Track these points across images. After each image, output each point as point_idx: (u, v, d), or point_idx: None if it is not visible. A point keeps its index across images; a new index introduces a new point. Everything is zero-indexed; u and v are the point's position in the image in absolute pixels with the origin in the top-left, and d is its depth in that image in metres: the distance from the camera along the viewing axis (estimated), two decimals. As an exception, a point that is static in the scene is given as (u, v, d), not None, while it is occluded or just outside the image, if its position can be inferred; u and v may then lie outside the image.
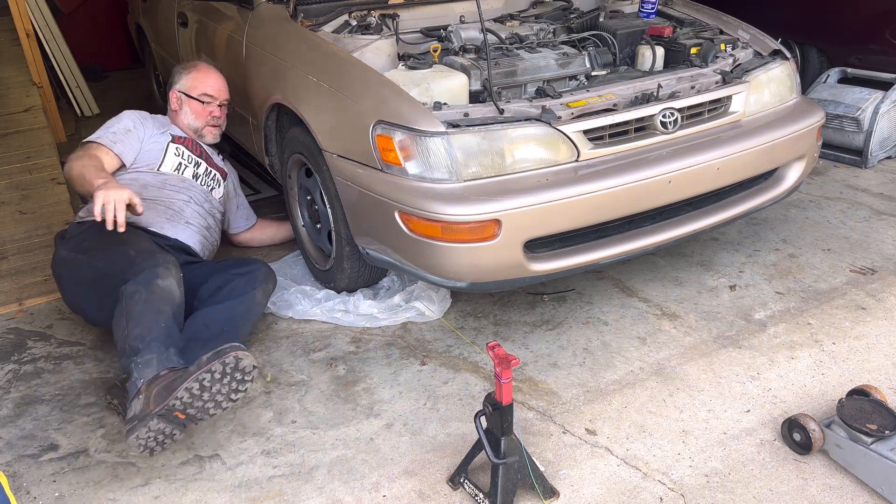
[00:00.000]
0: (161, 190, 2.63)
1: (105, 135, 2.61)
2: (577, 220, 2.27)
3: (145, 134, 2.70)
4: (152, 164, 2.67)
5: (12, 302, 2.83)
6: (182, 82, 2.83)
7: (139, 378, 1.91)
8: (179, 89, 2.82)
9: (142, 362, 1.94)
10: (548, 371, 2.38)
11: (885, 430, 1.87)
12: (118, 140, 2.62)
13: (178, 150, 2.73)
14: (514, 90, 2.48)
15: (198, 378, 1.85)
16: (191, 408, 1.86)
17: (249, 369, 1.92)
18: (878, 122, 3.79)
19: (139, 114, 2.75)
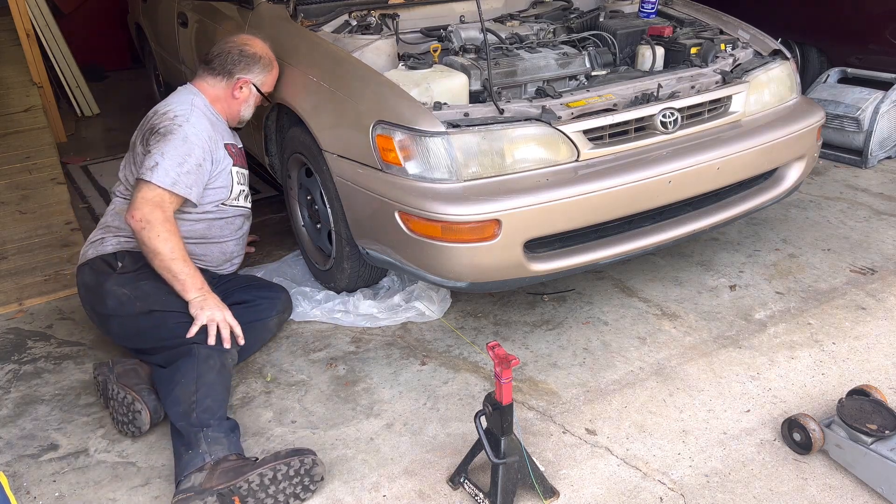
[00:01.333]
0: (222, 232, 2.47)
1: (180, 179, 2.22)
2: (577, 220, 2.27)
3: (213, 164, 2.36)
4: (220, 197, 2.42)
5: (12, 302, 2.83)
6: (260, 76, 2.54)
7: (207, 453, 1.89)
8: (255, 82, 2.53)
9: (212, 438, 1.92)
10: (548, 371, 2.38)
11: (885, 430, 1.87)
12: (193, 184, 2.27)
13: (238, 173, 2.50)
14: (514, 90, 2.48)
15: (274, 468, 1.83)
16: (252, 497, 1.81)
17: (318, 479, 1.89)
18: (878, 122, 3.79)
19: (203, 137, 2.32)
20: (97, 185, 4.10)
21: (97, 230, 2.43)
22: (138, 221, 2.16)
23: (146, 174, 2.19)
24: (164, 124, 2.28)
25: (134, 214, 2.16)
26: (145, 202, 2.17)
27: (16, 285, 2.93)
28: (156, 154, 2.21)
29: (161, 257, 2.16)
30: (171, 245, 2.17)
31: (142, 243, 2.19)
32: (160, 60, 4.50)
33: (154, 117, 2.33)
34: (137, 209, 2.17)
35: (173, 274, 2.18)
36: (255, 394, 2.32)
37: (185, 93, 2.44)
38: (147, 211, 2.16)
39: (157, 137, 2.25)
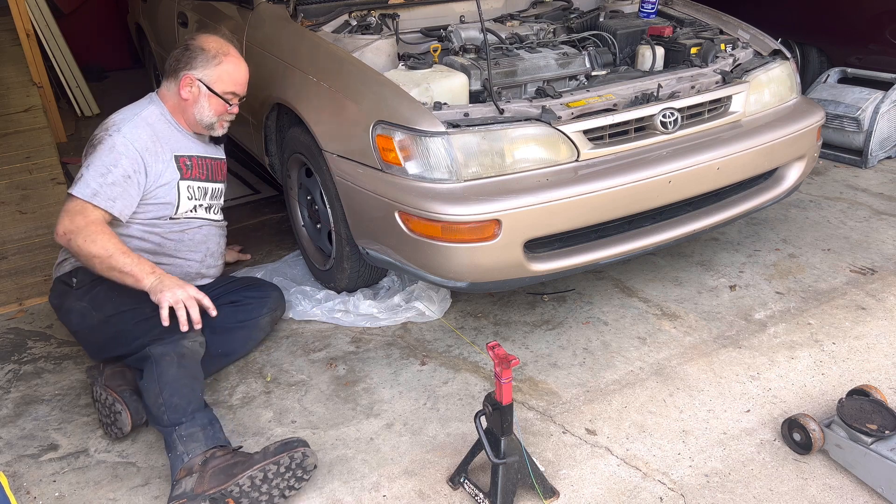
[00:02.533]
0: (177, 249, 2.34)
1: (102, 190, 2.10)
2: (577, 220, 2.27)
3: (149, 178, 2.21)
4: (165, 213, 2.28)
5: (12, 302, 2.83)
6: (205, 71, 2.28)
7: (186, 453, 1.87)
8: (201, 79, 2.27)
9: (186, 435, 1.89)
10: (548, 371, 2.38)
11: (885, 430, 1.87)
12: (118, 196, 2.13)
13: (190, 188, 2.32)
14: (514, 90, 2.48)
15: (263, 468, 1.80)
16: (245, 497, 1.79)
17: (310, 469, 1.87)
18: (878, 121, 3.79)
19: (135, 147, 2.18)
20: (97, 185, 4.09)
21: (60, 252, 2.35)
22: (63, 235, 2.07)
23: (71, 187, 2.12)
24: (99, 134, 2.20)
25: (58, 230, 2.07)
26: (66, 214, 2.08)
27: (16, 285, 2.93)
28: (83, 166, 2.15)
29: (99, 258, 2.03)
30: (101, 242, 2.03)
31: (76, 255, 2.08)
32: (160, 60, 4.50)
33: (98, 127, 2.26)
34: (60, 223, 2.07)
35: (118, 270, 2.04)
36: (255, 394, 2.32)
37: (142, 101, 2.34)
38: (68, 221, 2.06)
39: (90, 149, 2.19)
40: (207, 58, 2.28)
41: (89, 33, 6.28)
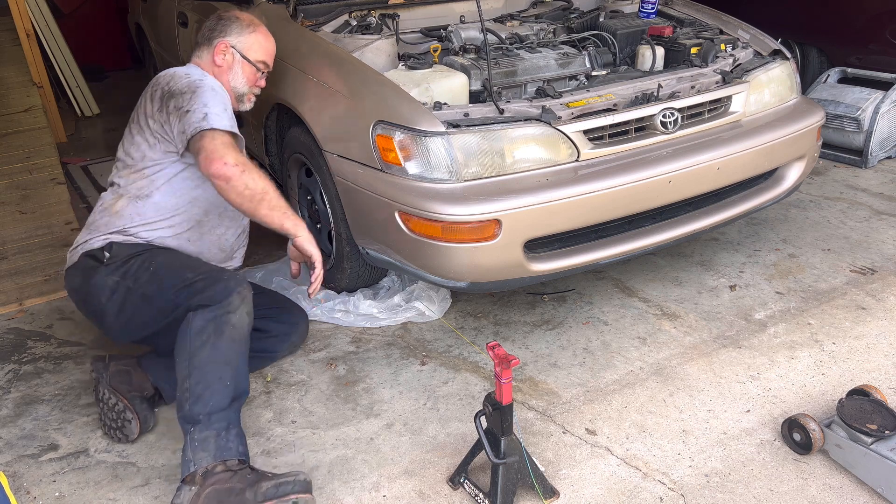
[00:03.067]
0: (222, 214, 2.24)
1: (233, 124, 2.03)
2: (577, 220, 2.27)
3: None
4: None
5: (12, 302, 2.83)
6: (240, 38, 2.27)
7: (192, 461, 1.79)
8: (235, 46, 2.26)
9: (198, 440, 1.81)
10: (548, 371, 2.38)
11: (885, 430, 1.87)
12: (235, 125, 2.06)
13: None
14: (515, 90, 2.48)
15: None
16: None
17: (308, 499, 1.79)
18: (878, 122, 3.79)
19: (226, 95, 2.17)
20: (97, 185, 4.10)
21: (82, 232, 2.21)
22: (234, 166, 1.88)
23: (203, 124, 1.94)
24: (183, 83, 2.07)
25: (226, 160, 1.88)
26: (225, 147, 1.91)
27: (16, 285, 2.93)
28: (197, 107, 1.98)
29: (270, 194, 1.93)
30: (262, 176, 1.94)
31: (242, 190, 1.90)
32: (160, 60, 4.50)
33: (165, 83, 2.10)
34: (222, 155, 1.89)
35: (283, 208, 1.97)
36: (255, 394, 2.32)
37: (186, 66, 2.26)
38: (235, 154, 1.91)
39: (184, 97, 2.02)
40: (241, 26, 2.29)
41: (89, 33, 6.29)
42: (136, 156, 2.12)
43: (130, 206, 2.12)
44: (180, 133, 2.00)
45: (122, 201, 2.13)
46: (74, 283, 2.17)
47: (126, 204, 2.13)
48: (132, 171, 2.13)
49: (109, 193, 2.20)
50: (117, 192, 2.16)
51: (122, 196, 2.14)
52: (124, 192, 2.14)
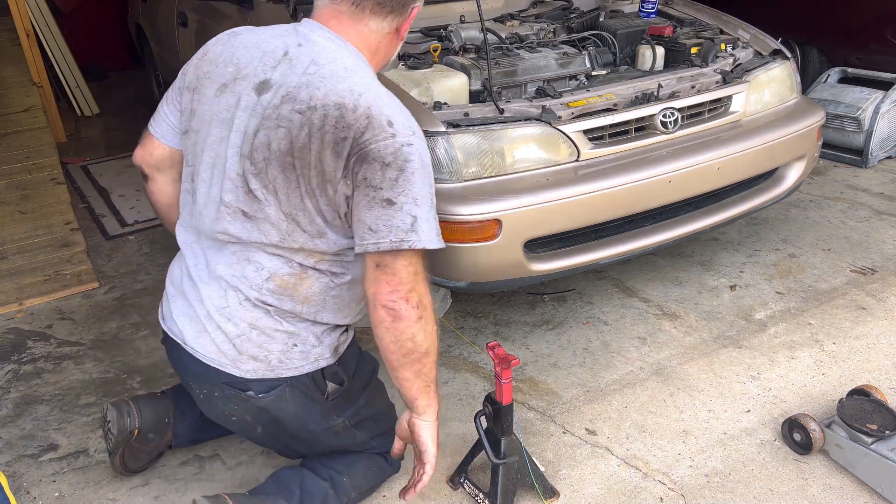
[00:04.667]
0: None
1: (433, 226, 1.48)
2: (577, 220, 2.27)
3: None
4: None
5: (12, 302, 2.83)
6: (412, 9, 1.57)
7: None
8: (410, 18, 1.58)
9: None
10: (548, 371, 2.38)
11: (885, 430, 1.86)
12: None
13: None
14: (515, 90, 2.48)
15: None
16: None
17: None
18: (879, 121, 3.78)
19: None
20: (97, 185, 4.10)
21: (253, 308, 1.54)
22: (415, 308, 1.44)
23: (408, 239, 1.39)
24: (393, 148, 1.39)
25: (409, 297, 1.43)
26: (417, 278, 1.44)
27: (16, 285, 2.93)
28: (405, 201, 1.40)
29: (430, 357, 1.51)
30: (438, 341, 1.54)
31: (405, 340, 1.46)
32: (160, 60, 4.50)
33: (352, 120, 1.39)
34: (410, 290, 1.43)
35: (430, 381, 1.55)
36: (255, 394, 2.32)
37: (346, 53, 1.49)
38: (423, 290, 1.46)
39: (387, 171, 1.38)
40: None
41: (89, 33, 6.28)
42: (309, 229, 1.49)
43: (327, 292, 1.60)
44: (367, 230, 1.40)
45: (311, 282, 1.57)
46: (284, 408, 1.63)
47: (318, 288, 1.58)
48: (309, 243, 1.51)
49: (302, 265, 1.54)
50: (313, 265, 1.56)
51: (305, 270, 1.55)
52: (312, 265, 1.56)
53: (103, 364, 2.49)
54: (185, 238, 1.65)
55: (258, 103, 1.44)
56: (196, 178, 1.56)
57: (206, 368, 1.57)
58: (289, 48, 1.48)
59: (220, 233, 1.52)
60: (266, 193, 1.45)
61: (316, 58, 1.45)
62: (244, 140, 1.45)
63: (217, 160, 1.51)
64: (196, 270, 1.59)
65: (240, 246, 1.52)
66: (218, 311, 1.55)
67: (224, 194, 1.49)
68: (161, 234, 3.43)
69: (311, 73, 1.42)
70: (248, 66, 1.49)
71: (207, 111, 1.52)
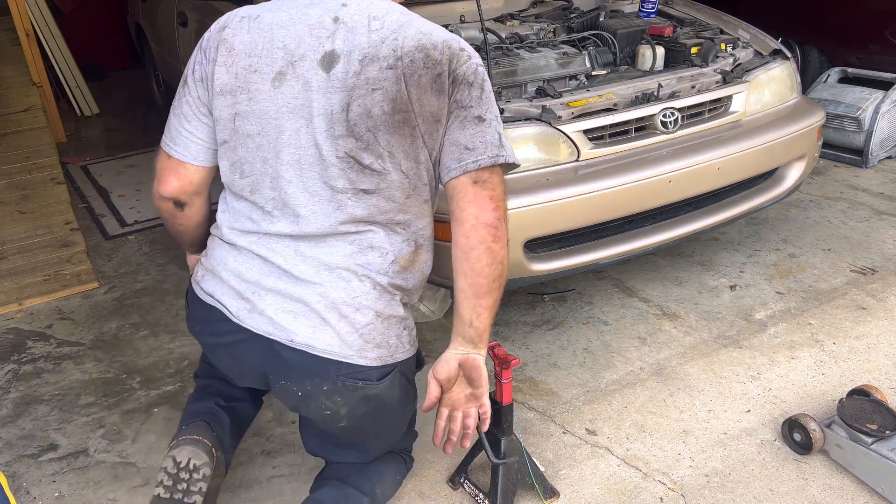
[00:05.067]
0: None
1: (508, 142, 1.49)
2: (577, 220, 2.27)
3: None
4: None
5: (12, 302, 2.83)
6: None
7: None
8: None
9: None
10: (548, 371, 2.38)
11: (885, 430, 1.86)
12: None
13: None
14: (515, 90, 2.47)
15: None
16: None
17: None
18: (879, 121, 3.78)
19: None
20: (97, 184, 4.09)
21: (381, 295, 1.51)
22: (505, 223, 1.44)
23: (501, 153, 1.41)
24: (469, 67, 1.41)
25: (505, 217, 1.44)
26: (504, 191, 1.45)
27: (16, 285, 2.93)
28: (490, 117, 1.42)
29: (504, 274, 1.48)
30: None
31: (501, 259, 1.44)
32: (160, 60, 4.50)
33: (445, 55, 1.38)
34: (505, 208, 1.44)
35: (496, 312, 1.52)
36: (254, 394, 2.32)
37: (392, 2, 1.47)
38: (505, 207, 1.46)
39: (472, 91, 1.40)
40: None
41: (89, 33, 6.28)
42: (428, 177, 1.47)
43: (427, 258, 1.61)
44: (464, 150, 1.39)
45: (422, 252, 1.57)
46: (391, 393, 1.58)
47: (426, 257, 1.60)
48: (419, 198, 1.50)
49: (400, 232, 1.52)
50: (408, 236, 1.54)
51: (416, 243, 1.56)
52: (417, 235, 1.55)
53: (103, 364, 2.49)
54: (251, 239, 1.51)
55: (332, 78, 1.36)
56: (278, 183, 1.43)
57: (324, 363, 1.47)
58: (336, 12, 1.40)
59: (344, 223, 1.43)
60: (384, 162, 1.39)
61: (371, 12, 1.40)
62: (334, 121, 1.37)
63: (303, 154, 1.41)
64: (296, 266, 1.47)
65: (358, 235, 1.46)
66: (345, 303, 1.46)
67: (334, 182, 1.40)
68: (161, 234, 3.43)
69: (378, 28, 1.37)
70: (301, 44, 1.39)
71: (270, 107, 1.40)
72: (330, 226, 1.44)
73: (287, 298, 1.48)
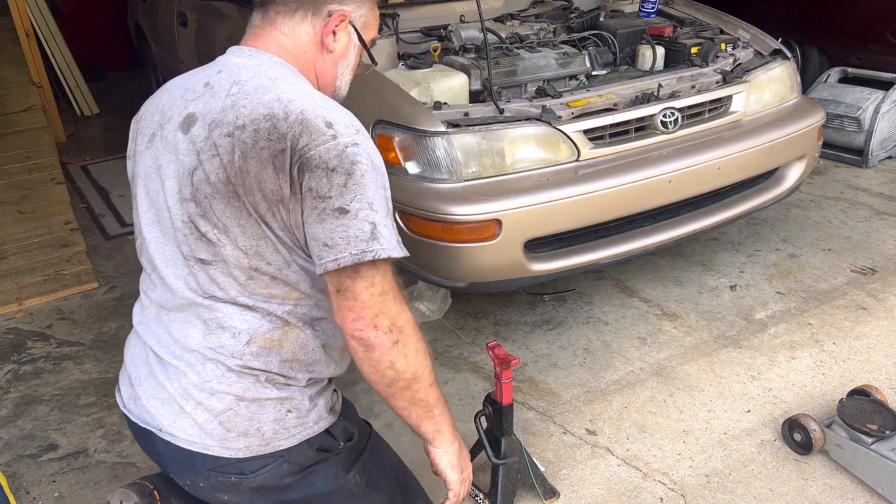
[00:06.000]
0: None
1: (392, 233, 1.26)
2: (578, 220, 2.27)
3: None
4: None
5: (12, 302, 2.83)
6: (359, 9, 1.42)
7: None
8: (353, 21, 1.41)
9: None
10: (548, 371, 2.38)
11: (885, 431, 1.86)
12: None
13: None
14: (515, 90, 2.47)
15: None
16: None
17: None
18: (879, 121, 3.78)
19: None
20: (97, 184, 4.09)
21: (240, 377, 1.32)
22: (386, 334, 1.27)
23: (370, 248, 1.21)
24: (337, 150, 1.22)
25: (377, 321, 1.26)
26: (384, 298, 1.27)
27: (15, 285, 2.93)
28: (360, 209, 1.23)
29: (421, 382, 1.37)
30: (429, 360, 1.38)
31: (384, 369, 1.31)
32: (160, 60, 4.50)
33: (294, 130, 1.22)
34: (376, 313, 1.26)
35: (429, 406, 1.43)
36: (254, 394, 2.32)
37: (268, 63, 1.36)
38: (395, 311, 1.28)
39: (334, 177, 1.22)
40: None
41: (89, 33, 6.28)
42: (275, 260, 1.30)
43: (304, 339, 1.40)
44: (323, 247, 1.23)
45: (293, 331, 1.37)
46: (271, 482, 1.38)
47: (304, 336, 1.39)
48: (274, 281, 1.32)
49: (267, 315, 1.34)
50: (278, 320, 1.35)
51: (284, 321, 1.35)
52: (285, 312, 1.35)
53: (103, 364, 2.48)
54: (143, 317, 1.44)
55: (187, 140, 1.29)
56: (147, 246, 1.37)
57: (189, 455, 1.33)
58: (209, 78, 1.35)
59: (197, 293, 1.32)
60: (218, 233, 1.27)
61: (237, 77, 1.32)
62: (182, 184, 1.29)
63: (161, 216, 1.33)
64: (162, 347, 1.38)
65: (209, 312, 1.32)
66: (197, 388, 1.32)
67: (181, 247, 1.32)
68: (161, 234, 3.43)
69: (235, 93, 1.28)
70: (172, 107, 1.35)
71: (141, 168, 1.36)
72: (187, 296, 1.33)
73: (156, 383, 1.37)
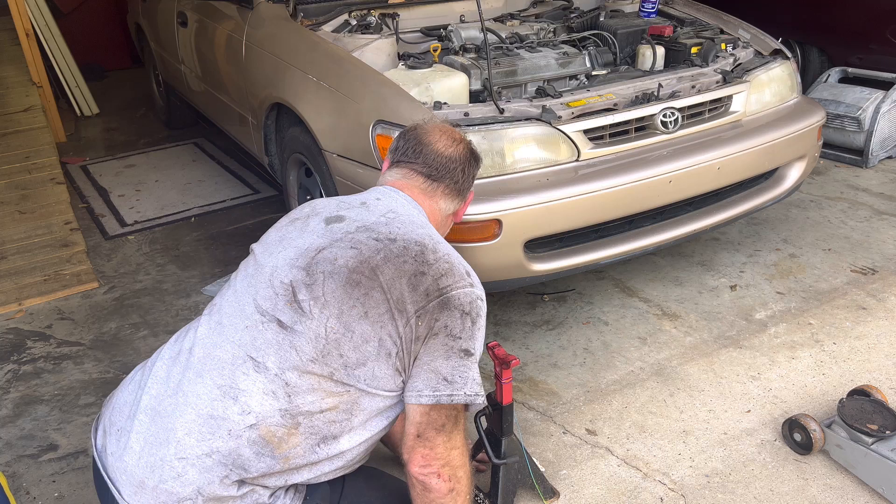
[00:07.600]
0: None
1: (479, 387, 1.37)
2: (578, 220, 2.27)
3: None
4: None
5: (12, 302, 2.83)
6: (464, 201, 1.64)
7: None
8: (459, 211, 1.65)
9: None
10: (548, 371, 2.37)
11: (885, 431, 1.86)
12: None
13: None
14: (515, 90, 2.47)
15: None
16: None
17: None
18: (879, 121, 3.78)
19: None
20: (97, 184, 4.09)
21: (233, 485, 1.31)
22: (447, 482, 1.34)
23: (459, 391, 1.32)
24: (468, 295, 1.36)
25: (441, 470, 1.34)
26: (454, 452, 1.36)
27: (15, 285, 2.93)
28: (477, 355, 1.37)
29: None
30: (469, 499, 1.43)
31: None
32: (160, 60, 4.50)
33: (440, 267, 1.35)
34: (445, 464, 1.34)
35: None
36: (254, 394, 2.31)
37: (424, 218, 1.52)
38: (458, 464, 1.36)
39: (465, 321, 1.34)
40: (470, 178, 1.64)
41: (89, 33, 6.28)
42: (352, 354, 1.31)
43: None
44: (443, 381, 1.31)
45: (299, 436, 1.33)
46: None
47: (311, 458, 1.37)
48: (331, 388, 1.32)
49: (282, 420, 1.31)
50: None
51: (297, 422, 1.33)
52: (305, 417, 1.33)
53: (103, 364, 2.48)
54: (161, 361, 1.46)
55: (327, 230, 1.40)
56: (224, 295, 1.43)
57: None
58: (367, 200, 1.49)
59: (245, 345, 1.32)
60: (313, 306, 1.30)
61: (394, 207, 1.46)
62: (302, 254, 1.36)
63: (260, 269, 1.40)
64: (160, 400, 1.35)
65: (231, 377, 1.31)
66: (176, 458, 1.28)
67: (260, 301, 1.34)
68: (161, 233, 3.43)
69: (391, 217, 1.42)
70: (325, 208, 1.48)
71: (266, 243, 1.47)
72: (234, 344, 1.34)
73: (141, 439, 1.38)
